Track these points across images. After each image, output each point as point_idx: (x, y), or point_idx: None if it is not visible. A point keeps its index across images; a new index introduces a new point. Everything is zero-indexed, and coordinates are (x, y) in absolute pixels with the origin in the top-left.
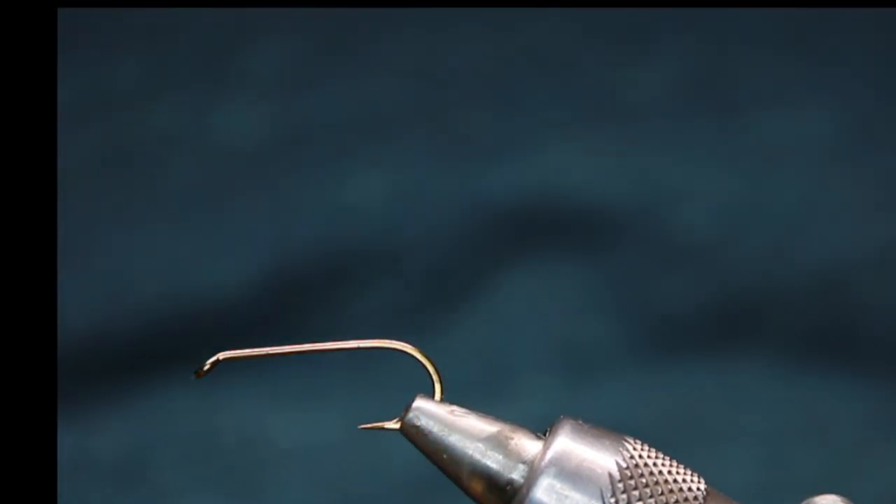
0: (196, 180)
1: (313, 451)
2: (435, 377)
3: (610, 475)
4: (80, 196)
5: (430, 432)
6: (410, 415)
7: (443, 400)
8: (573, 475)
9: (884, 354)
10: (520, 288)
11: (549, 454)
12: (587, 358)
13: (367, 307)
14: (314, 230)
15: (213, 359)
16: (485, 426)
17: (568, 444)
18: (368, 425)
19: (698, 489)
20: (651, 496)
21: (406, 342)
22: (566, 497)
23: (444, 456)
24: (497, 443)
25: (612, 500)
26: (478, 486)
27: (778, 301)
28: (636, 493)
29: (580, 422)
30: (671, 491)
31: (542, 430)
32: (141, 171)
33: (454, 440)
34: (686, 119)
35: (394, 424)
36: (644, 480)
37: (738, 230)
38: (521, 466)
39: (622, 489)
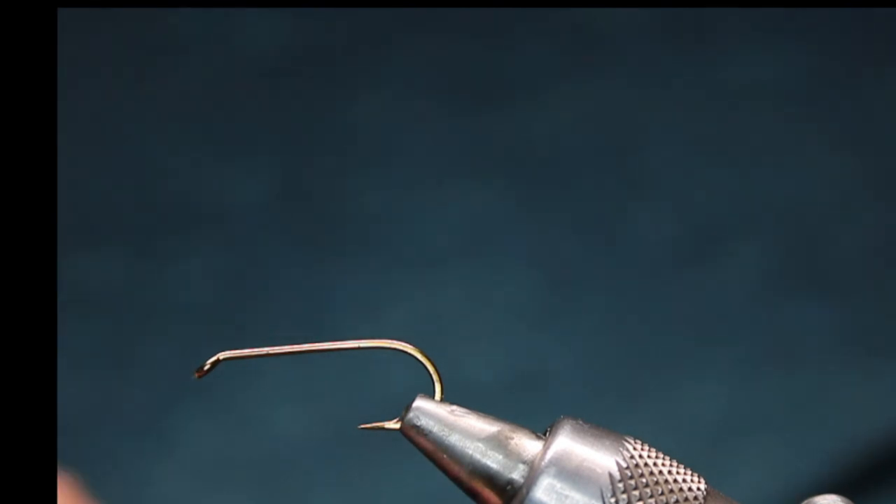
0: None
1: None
2: (435, 377)
3: (610, 475)
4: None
5: (430, 432)
6: (410, 415)
7: (443, 400)
8: (573, 475)
9: (845, 282)
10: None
11: (550, 454)
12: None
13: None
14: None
15: (214, 358)
16: (485, 426)
17: (568, 443)
18: (368, 425)
19: (698, 489)
20: (651, 496)
21: (406, 342)
22: (566, 497)
23: (444, 456)
24: (497, 442)
25: (613, 500)
26: (478, 486)
27: (743, 231)
28: (636, 492)
29: (580, 422)
30: (671, 491)
31: (542, 430)
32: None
33: (454, 440)
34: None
35: (394, 424)
36: (644, 480)
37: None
38: (522, 466)
39: (622, 489)
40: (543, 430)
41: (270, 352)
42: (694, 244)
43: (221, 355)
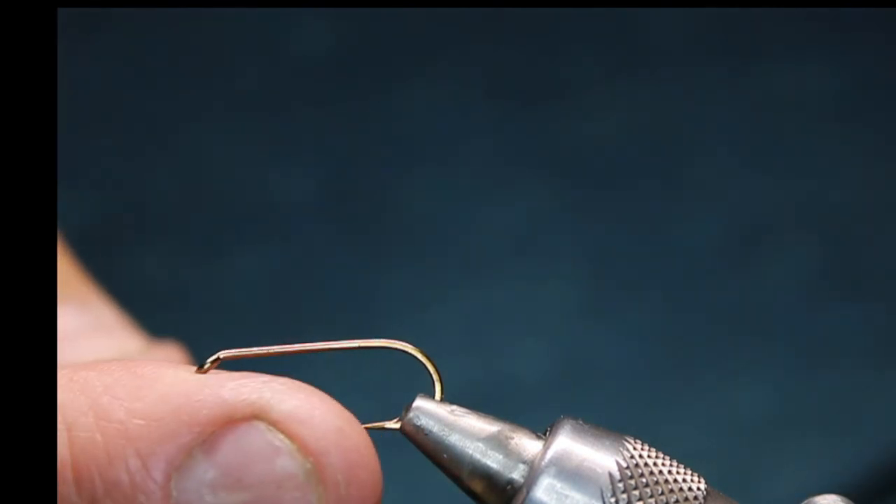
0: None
1: None
2: (435, 377)
3: (610, 475)
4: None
5: (431, 432)
6: (411, 414)
7: (443, 400)
8: (573, 475)
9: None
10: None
11: (550, 454)
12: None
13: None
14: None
15: (214, 357)
16: (485, 426)
17: (568, 443)
18: (369, 425)
19: (698, 489)
20: (651, 496)
21: (406, 342)
22: (566, 497)
23: (445, 456)
24: (497, 442)
25: (613, 500)
26: (478, 486)
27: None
28: (636, 492)
29: (580, 421)
30: (671, 491)
31: (542, 429)
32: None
33: (454, 440)
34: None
35: (394, 424)
36: (644, 480)
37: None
38: (522, 466)
39: (622, 489)
40: (544, 431)
41: (271, 351)
42: (740, 246)
43: (222, 354)
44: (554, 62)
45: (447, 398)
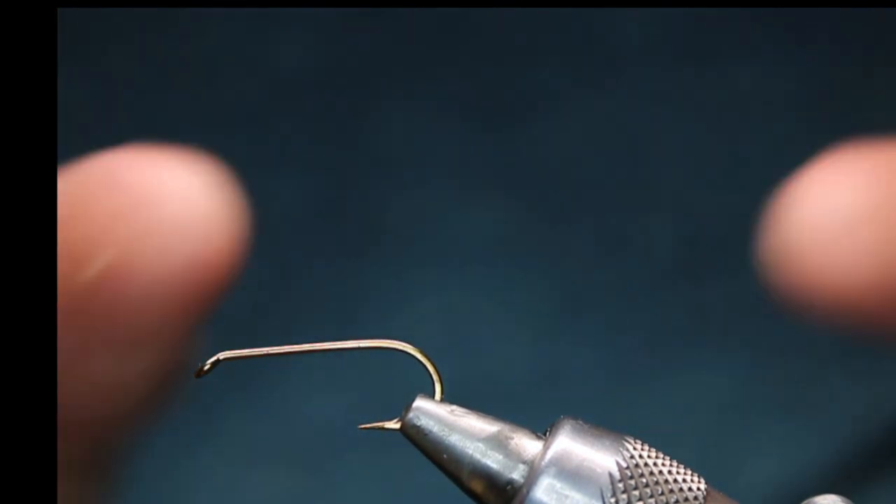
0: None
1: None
2: (435, 377)
3: (610, 475)
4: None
5: (431, 432)
6: (410, 415)
7: (443, 400)
8: (573, 475)
9: None
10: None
11: (550, 454)
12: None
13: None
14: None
15: (214, 358)
16: (485, 426)
17: (568, 443)
18: (368, 425)
19: (698, 489)
20: (651, 496)
21: (406, 342)
22: (566, 497)
23: (445, 456)
24: (497, 443)
25: (613, 500)
26: (478, 486)
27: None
28: (636, 492)
29: (580, 422)
30: (671, 491)
31: (543, 430)
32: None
33: (454, 440)
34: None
35: (394, 424)
36: (644, 480)
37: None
38: (522, 466)
39: (622, 489)
40: (543, 431)
41: (270, 352)
42: (702, 249)
43: (221, 355)
44: (517, 76)
45: (447, 398)
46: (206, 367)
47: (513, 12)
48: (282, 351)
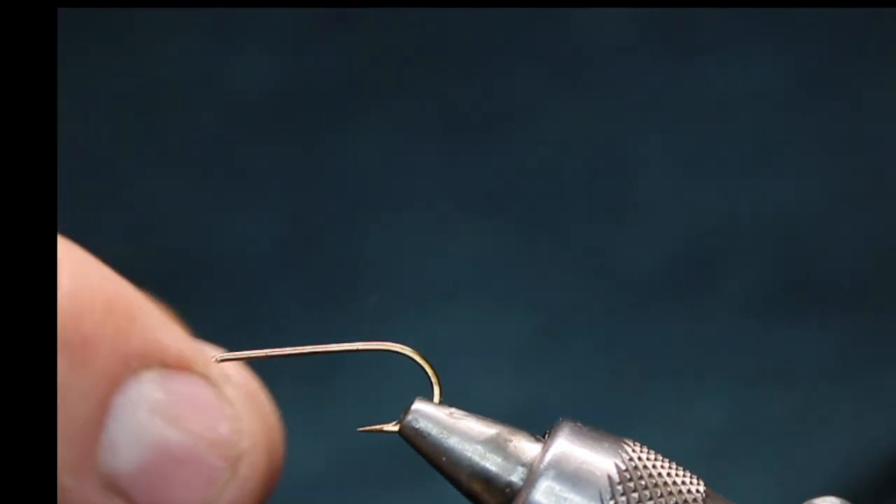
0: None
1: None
2: (434, 380)
3: (609, 477)
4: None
5: (429, 435)
6: (409, 417)
7: (442, 402)
8: (572, 477)
9: (840, 298)
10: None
11: (549, 456)
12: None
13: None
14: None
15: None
16: (484, 428)
17: (567, 446)
18: (367, 428)
19: (697, 491)
20: (650, 498)
21: (405, 345)
22: (565, 499)
23: (444, 458)
24: (496, 445)
25: (612, 503)
26: (477, 489)
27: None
28: (635, 495)
29: (579, 424)
30: (670, 493)
31: (542, 432)
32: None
33: (453, 443)
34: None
35: (393, 427)
36: (643, 482)
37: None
38: (521, 469)
39: (621, 491)
40: (543, 433)
41: (268, 353)
42: (686, 269)
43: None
44: (489, 91)
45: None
46: None
47: (483, 21)
48: (280, 353)
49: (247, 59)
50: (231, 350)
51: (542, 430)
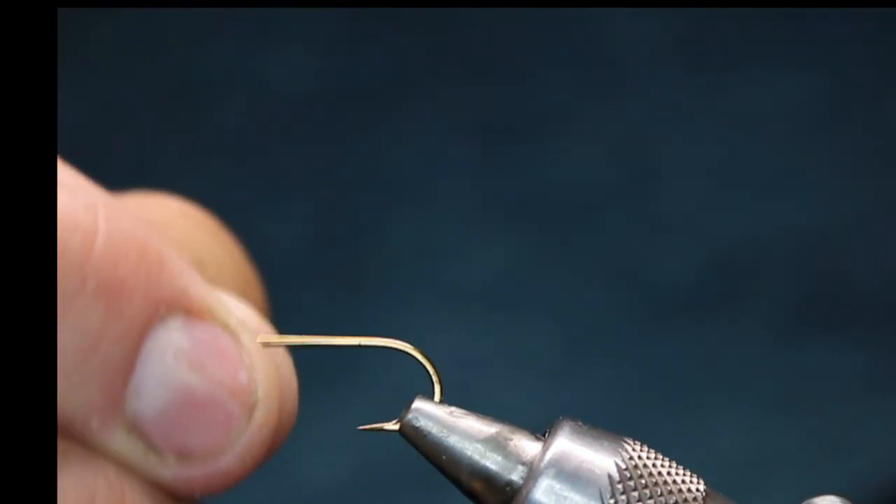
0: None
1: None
2: (435, 378)
3: (609, 476)
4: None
5: (430, 433)
6: (409, 416)
7: (442, 401)
8: (572, 476)
9: (867, 317)
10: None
11: (549, 455)
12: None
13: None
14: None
15: None
16: (484, 427)
17: (567, 445)
18: (367, 426)
19: (697, 490)
20: (650, 497)
21: (406, 342)
22: (565, 498)
23: (444, 457)
24: (496, 444)
25: (612, 501)
26: (477, 487)
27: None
28: (635, 493)
29: (579, 423)
30: (671, 492)
31: (542, 431)
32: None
33: (453, 441)
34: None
35: (393, 426)
36: (643, 481)
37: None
38: (521, 467)
39: (621, 490)
40: (543, 432)
41: (271, 342)
42: (713, 284)
43: None
44: (523, 98)
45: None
46: None
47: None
48: (282, 342)
49: (283, 59)
50: None
51: (542, 429)
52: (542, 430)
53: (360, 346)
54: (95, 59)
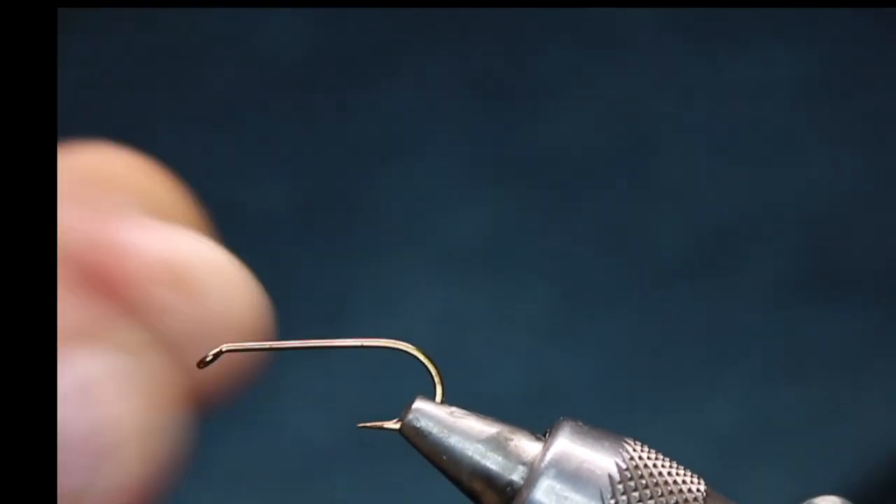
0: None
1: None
2: (437, 379)
3: (610, 476)
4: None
5: (430, 434)
6: (410, 416)
7: (444, 402)
8: (573, 476)
9: (866, 286)
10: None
11: (549, 455)
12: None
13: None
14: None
15: (216, 350)
16: (484, 427)
17: (568, 445)
18: (368, 424)
19: (698, 490)
20: (651, 497)
21: (408, 343)
22: (566, 498)
23: (444, 457)
24: (497, 444)
25: (612, 502)
26: (478, 488)
27: (761, 236)
28: (636, 494)
29: (580, 423)
30: (671, 492)
31: (542, 431)
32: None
33: (454, 441)
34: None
35: (393, 425)
36: (644, 482)
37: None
38: (521, 468)
39: (622, 490)
40: (543, 432)
41: (273, 346)
42: (710, 251)
43: (224, 347)
44: (522, 60)
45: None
46: (209, 358)
47: None
48: (284, 346)
49: (277, 21)
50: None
51: (543, 429)
52: (542, 429)
53: (361, 347)
54: (83, 23)
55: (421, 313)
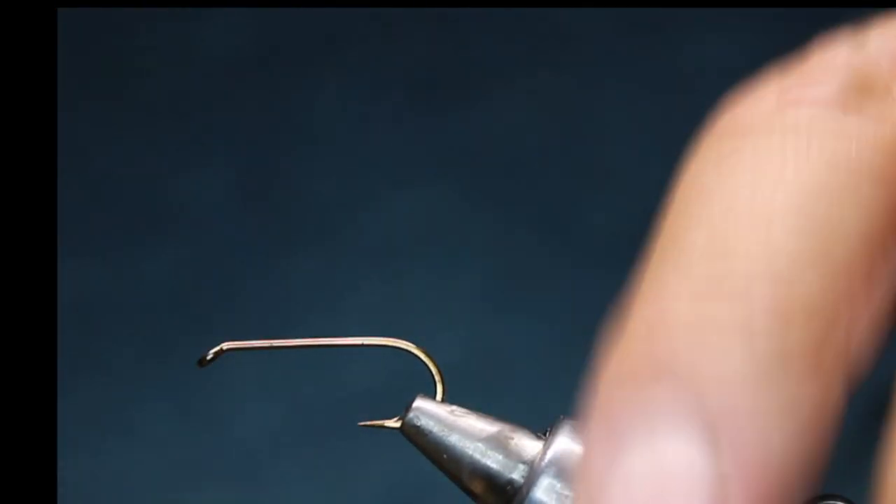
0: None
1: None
2: (437, 377)
3: None
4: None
5: (430, 432)
6: (410, 414)
7: (444, 400)
8: (573, 475)
9: None
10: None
11: (549, 454)
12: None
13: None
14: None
15: (217, 348)
16: (485, 426)
17: (568, 443)
18: (368, 423)
19: None
20: None
21: (409, 342)
22: (566, 497)
23: (444, 456)
24: (497, 443)
25: None
26: (478, 487)
27: None
28: None
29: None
30: None
31: (543, 430)
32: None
33: (454, 440)
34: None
35: (394, 423)
36: None
37: (660, 154)
38: (522, 466)
39: None
40: (544, 431)
41: (273, 344)
42: (649, 239)
43: (225, 345)
44: (456, 51)
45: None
46: (210, 357)
47: None
48: (285, 344)
49: (213, 20)
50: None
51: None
52: (542, 428)
53: (361, 346)
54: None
55: (361, 302)
